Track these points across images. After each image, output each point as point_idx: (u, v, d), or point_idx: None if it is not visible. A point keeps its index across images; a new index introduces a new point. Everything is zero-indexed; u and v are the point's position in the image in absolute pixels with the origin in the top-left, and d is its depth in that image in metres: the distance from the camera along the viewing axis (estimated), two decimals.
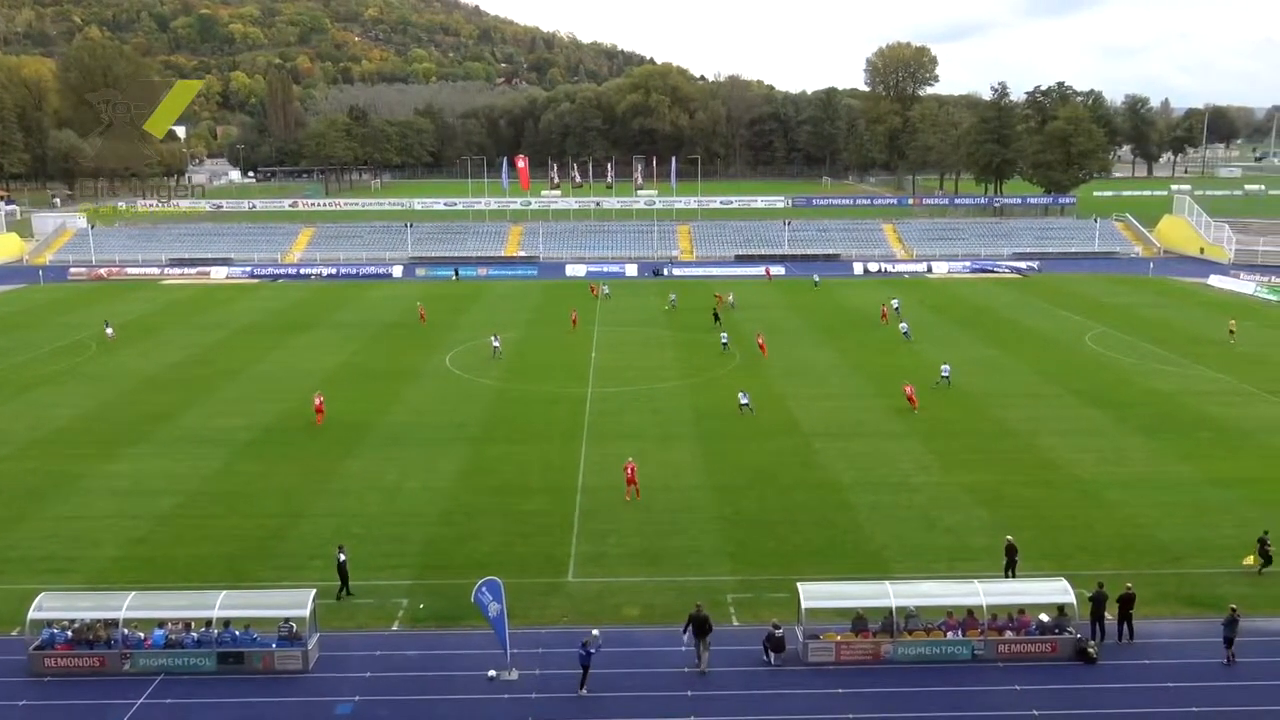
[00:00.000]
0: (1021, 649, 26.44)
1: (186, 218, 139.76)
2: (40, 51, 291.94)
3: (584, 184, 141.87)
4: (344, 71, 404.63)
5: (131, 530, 34.67)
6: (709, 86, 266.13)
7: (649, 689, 25.06)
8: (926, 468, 40.64)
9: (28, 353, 63.00)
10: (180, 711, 24.23)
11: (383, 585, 30.41)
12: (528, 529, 34.60)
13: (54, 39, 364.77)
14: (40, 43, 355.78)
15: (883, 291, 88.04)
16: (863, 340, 66.05)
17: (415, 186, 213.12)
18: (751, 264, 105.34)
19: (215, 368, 59.03)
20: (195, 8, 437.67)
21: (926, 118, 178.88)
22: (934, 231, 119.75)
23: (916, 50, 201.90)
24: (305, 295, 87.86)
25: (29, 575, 30.92)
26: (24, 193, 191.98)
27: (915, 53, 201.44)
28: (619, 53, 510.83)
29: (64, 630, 26.27)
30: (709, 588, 30.12)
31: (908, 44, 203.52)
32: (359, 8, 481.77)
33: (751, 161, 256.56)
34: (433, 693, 24.89)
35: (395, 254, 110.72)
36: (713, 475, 39.83)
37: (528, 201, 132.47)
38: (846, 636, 26.58)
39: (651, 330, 69.34)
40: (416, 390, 53.50)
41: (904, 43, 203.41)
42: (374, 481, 39.31)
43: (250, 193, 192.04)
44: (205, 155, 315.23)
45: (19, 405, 50.84)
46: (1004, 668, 26.00)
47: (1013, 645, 26.45)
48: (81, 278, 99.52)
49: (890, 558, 32.26)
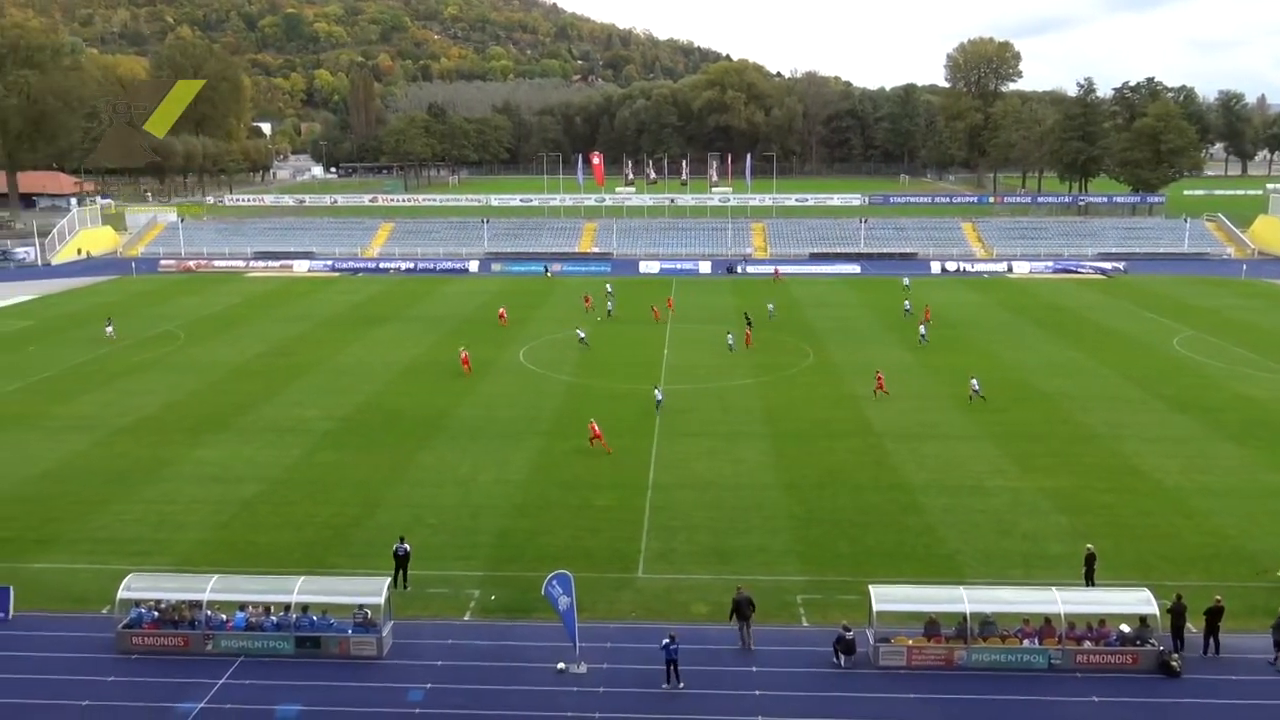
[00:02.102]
0: (1101, 659, 25.78)
1: (270, 213, 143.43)
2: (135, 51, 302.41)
3: (658, 181, 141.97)
4: (423, 69, 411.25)
5: (215, 515, 35.73)
6: (785, 83, 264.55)
7: (716, 687, 25.02)
8: (1002, 471, 39.84)
9: (120, 341, 65.23)
10: (259, 693, 24.90)
11: (455, 575, 30.87)
12: (598, 524, 34.79)
13: (148, 38, 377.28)
14: (135, 42, 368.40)
15: (962, 292, 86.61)
16: (936, 341, 64.95)
17: (492, 183, 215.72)
18: (826, 262, 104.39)
19: (296, 359, 60.48)
20: (282, 7, 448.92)
21: (1009, 114, 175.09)
22: (1015, 230, 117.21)
23: (999, 45, 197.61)
24: (383, 289, 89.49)
25: (118, 556, 32.06)
26: (118, 188, 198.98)
27: (997, 48, 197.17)
28: (695, 49, 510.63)
29: (150, 610, 27.20)
30: (778, 587, 29.98)
31: (990, 39, 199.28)
32: (439, 6, 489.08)
33: (828, 159, 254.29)
34: (502, 683, 25.20)
35: (471, 249, 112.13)
36: (783, 474, 39.58)
37: (602, 198, 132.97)
38: (919, 641, 26.20)
39: (724, 328, 69.05)
40: (491, 384, 54.12)
41: (986, 38, 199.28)
42: (448, 473, 39.89)
43: (332, 188, 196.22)
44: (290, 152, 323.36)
45: (110, 392, 52.71)
46: (1082, 678, 25.39)
47: (1092, 655, 25.80)
48: (171, 270, 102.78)
49: (964, 562, 31.71)
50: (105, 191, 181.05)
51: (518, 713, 23.97)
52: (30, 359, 60.20)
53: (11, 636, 27.39)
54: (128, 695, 24.76)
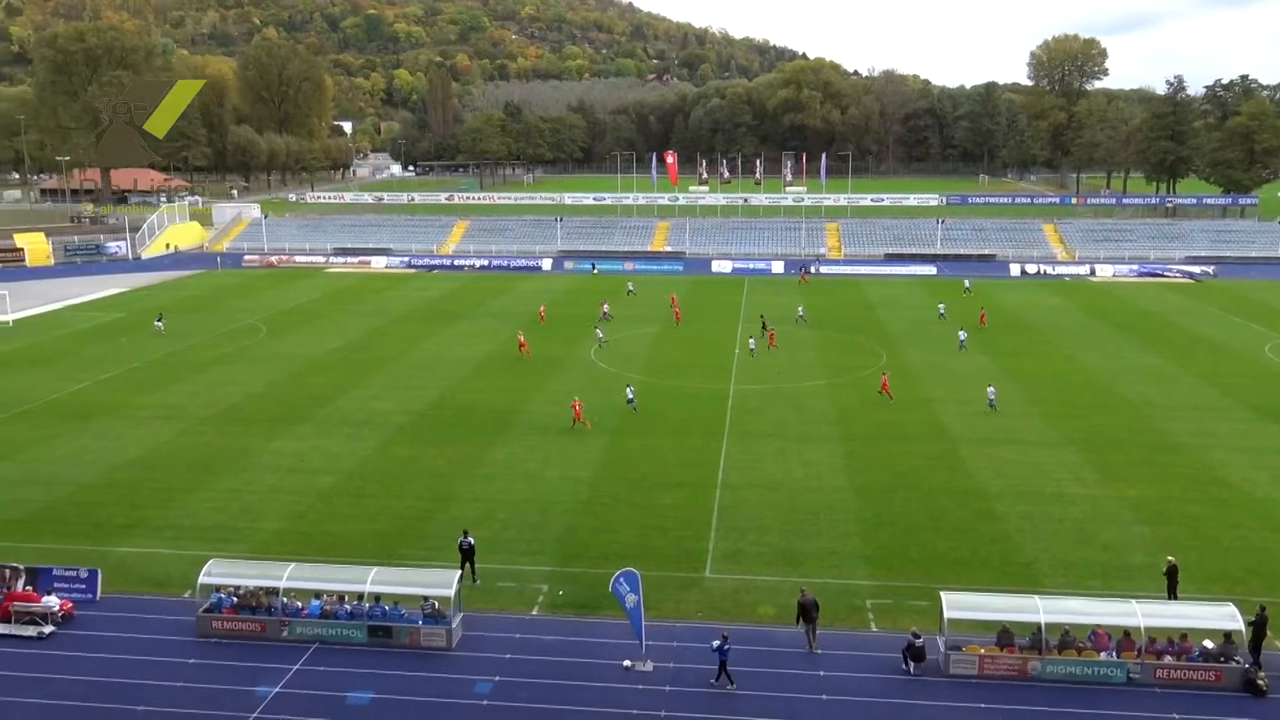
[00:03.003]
0: (1182, 675, 24.98)
1: (350, 210, 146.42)
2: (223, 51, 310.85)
3: (732, 180, 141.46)
4: (500, 69, 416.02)
5: (293, 505, 36.57)
6: (863, 82, 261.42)
7: (783, 690, 24.84)
8: (1082, 479, 38.84)
9: (204, 334, 67.20)
10: (332, 679, 25.42)
11: (524, 570, 31.14)
12: (666, 522, 34.78)
13: (235, 39, 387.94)
14: (223, 43, 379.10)
15: (1042, 295, 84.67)
16: (1014, 345, 63.60)
17: (566, 181, 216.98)
18: (901, 263, 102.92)
19: (372, 353, 61.59)
20: (363, 8, 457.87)
21: (1094, 113, 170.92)
22: (1099, 232, 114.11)
23: (1084, 43, 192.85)
24: (458, 286, 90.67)
25: (199, 542, 33.03)
26: (205, 184, 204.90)
27: (1083, 45, 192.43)
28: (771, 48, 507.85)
29: (230, 596, 27.96)
30: (847, 591, 29.66)
31: (1075, 36, 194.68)
32: (516, 6, 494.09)
33: (905, 158, 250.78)
34: (569, 678, 25.34)
35: (545, 247, 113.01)
36: (854, 477, 39.12)
37: (675, 197, 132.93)
38: (991, 650, 25.68)
39: (796, 329, 68.55)
40: (560, 381, 54.45)
41: (1071, 35, 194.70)
42: (518, 469, 40.25)
43: (409, 186, 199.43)
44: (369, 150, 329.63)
45: (195, 383, 54.29)
46: (1161, 694, 24.64)
47: (1172, 671, 25.02)
48: (254, 265, 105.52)
49: (1040, 571, 30.99)
50: (192, 188, 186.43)
51: (583, 708, 24.09)
52: (120, 349, 62.31)
53: (99, 617, 28.39)
54: (207, 678, 25.48)
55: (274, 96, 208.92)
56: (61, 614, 28.00)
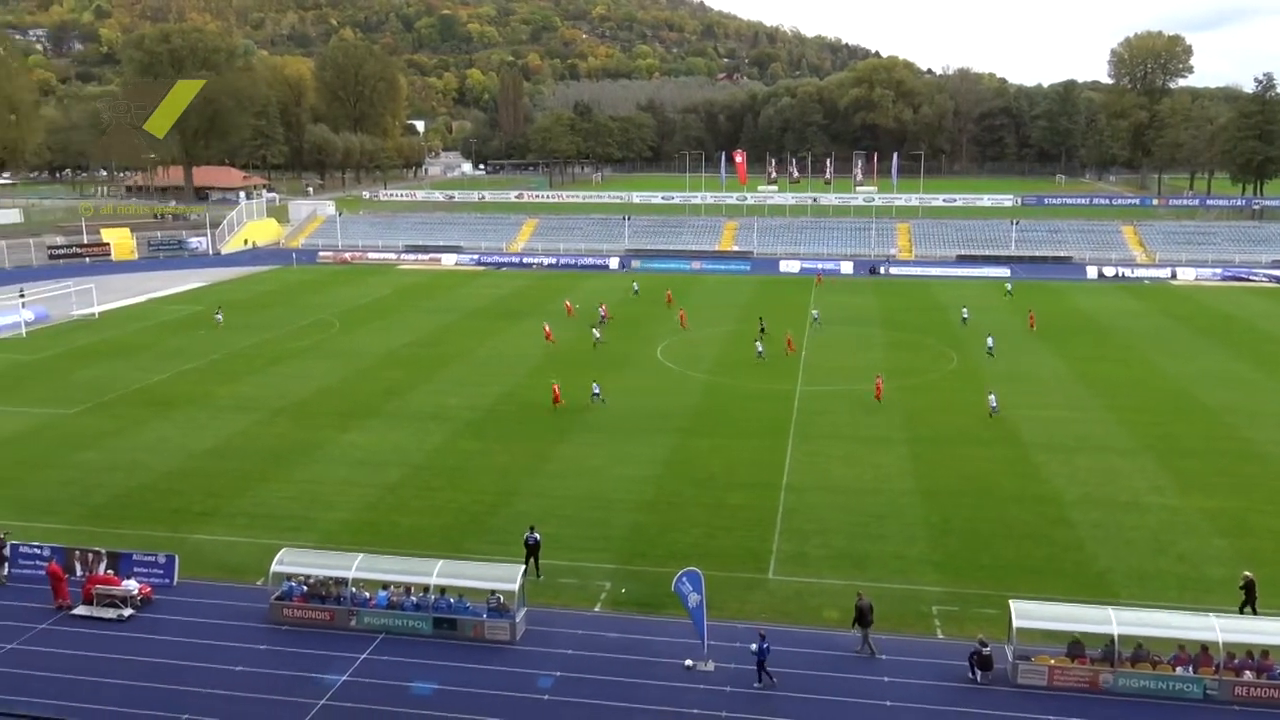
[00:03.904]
0: (1262, 693, 24.16)
1: (421, 208, 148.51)
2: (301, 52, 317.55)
3: (801, 180, 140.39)
4: (571, 68, 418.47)
5: (362, 497, 37.23)
6: (936, 80, 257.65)
7: (846, 694, 24.58)
8: (1160, 488, 37.76)
9: (280, 328, 68.76)
10: (398, 669, 25.82)
11: (587, 567, 31.28)
12: (730, 523, 34.66)
13: (313, 40, 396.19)
14: (301, 44, 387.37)
15: (1120, 298, 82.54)
16: (1090, 349, 62.09)
17: (634, 180, 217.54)
18: (973, 265, 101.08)
19: (441, 349, 62.41)
20: (437, 9, 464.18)
21: (1177, 112, 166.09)
22: (1181, 235, 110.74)
23: (1169, 40, 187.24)
24: (526, 283, 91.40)
25: (272, 531, 33.80)
26: (282, 182, 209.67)
27: (1167, 42, 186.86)
28: (843, 46, 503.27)
29: (300, 584, 28.57)
30: (913, 596, 29.25)
31: (1158, 33, 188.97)
32: (587, 6, 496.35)
33: (979, 158, 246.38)
34: (630, 675, 25.39)
35: (613, 246, 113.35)
36: (922, 481, 38.55)
37: (744, 196, 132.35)
38: (1061, 661, 25.12)
39: (864, 329, 67.82)
40: (627, 379, 54.58)
41: (1154, 31, 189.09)
42: (583, 466, 40.44)
43: (480, 185, 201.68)
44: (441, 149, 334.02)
45: (270, 376, 55.59)
46: (1240, 711, 23.86)
47: (1252, 689, 24.21)
48: (328, 261, 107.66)
49: (1114, 582, 30.20)
50: (270, 185, 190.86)
51: (644, 706, 24.12)
52: (199, 342, 64.04)
53: (175, 602, 29.23)
54: (278, 664, 26.07)
55: (350, 96, 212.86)
56: (140, 598, 28.89)
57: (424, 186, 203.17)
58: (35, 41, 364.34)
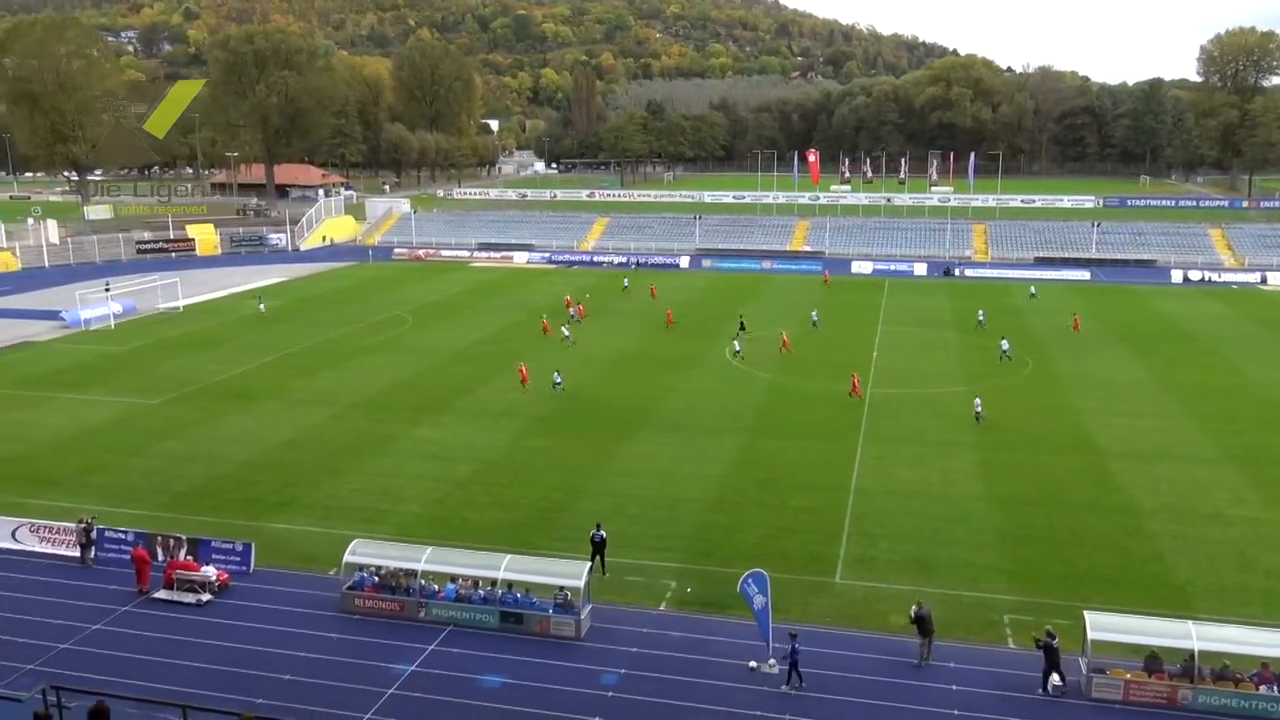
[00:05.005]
0: None
1: (495, 206, 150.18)
2: (380, 52, 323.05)
3: (874, 179, 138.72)
4: (644, 67, 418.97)
5: (432, 491, 37.81)
6: (1016, 79, 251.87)
7: (912, 702, 24.25)
8: (1245, 500, 36.53)
9: (355, 323, 70.12)
10: (465, 662, 26.17)
11: (652, 566, 31.34)
12: (797, 525, 34.43)
13: (391, 40, 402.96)
14: (380, 44, 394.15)
15: (1205, 303, 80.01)
16: (1173, 355, 60.27)
17: (706, 179, 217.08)
18: (1052, 267, 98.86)
19: (512, 346, 63.02)
20: (513, 9, 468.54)
21: (1270, 110, 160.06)
22: (1272, 238, 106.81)
23: (1262, 36, 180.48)
24: (596, 282, 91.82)
25: (346, 523, 34.51)
26: (360, 180, 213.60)
27: (1260, 38, 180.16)
28: (920, 44, 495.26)
29: (371, 575, 29.14)
30: (983, 604, 28.74)
31: (1251, 29, 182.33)
32: (661, 5, 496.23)
33: (1059, 158, 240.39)
34: (694, 675, 25.37)
35: (683, 245, 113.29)
36: (994, 487, 37.85)
37: (816, 196, 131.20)
38: (1137, 675, 24.46)
39: (937, 332, 66.79)
40: (695, 379, 54.54)
41: (1247, 27, 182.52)
42: (650, 464, 40.53)
43: (552, 183, 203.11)
44: (514, 147, 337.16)
45: (345, 371, 56.73)
46: None
47: None
48: (403, 258, 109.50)
49: (1194, 595, 29.31)
50: (349, 183, 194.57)
51: (708, 706, 24.08)
52: (278, 336, 65.61)
53: (251, 588, 30.03)
54: (348, 652, 26.61)
55: (426, 95, 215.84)
56: (218, 584, 29.74)
57: (497, 185, 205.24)
58: (127, 43, 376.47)
